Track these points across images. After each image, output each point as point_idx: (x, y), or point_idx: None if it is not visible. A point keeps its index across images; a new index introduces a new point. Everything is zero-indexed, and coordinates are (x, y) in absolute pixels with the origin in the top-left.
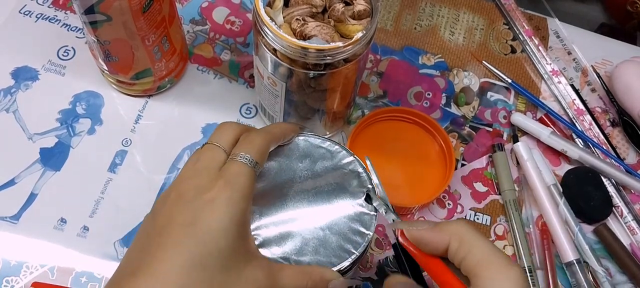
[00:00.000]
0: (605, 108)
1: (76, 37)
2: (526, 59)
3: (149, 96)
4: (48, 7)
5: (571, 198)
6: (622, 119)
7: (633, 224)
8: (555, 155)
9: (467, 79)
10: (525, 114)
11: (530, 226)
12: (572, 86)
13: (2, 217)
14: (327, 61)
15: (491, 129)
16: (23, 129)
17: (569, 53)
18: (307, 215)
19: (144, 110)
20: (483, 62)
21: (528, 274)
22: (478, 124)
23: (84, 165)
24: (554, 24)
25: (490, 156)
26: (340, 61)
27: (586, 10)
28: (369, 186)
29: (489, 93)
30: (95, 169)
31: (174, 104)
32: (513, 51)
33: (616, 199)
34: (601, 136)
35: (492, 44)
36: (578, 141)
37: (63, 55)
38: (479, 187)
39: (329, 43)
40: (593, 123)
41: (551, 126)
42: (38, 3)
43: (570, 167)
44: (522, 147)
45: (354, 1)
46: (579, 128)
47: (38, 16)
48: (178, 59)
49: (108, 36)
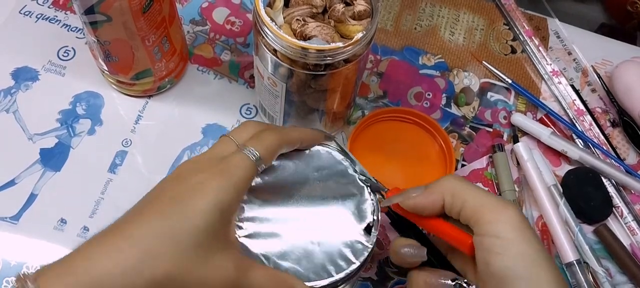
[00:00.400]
0: (605, 108)
1: (76, 38)
2: (526, 59)
3: (149, 96)
4: (48, 8)
5: (571, 198)
6: (623, 120)
7: (633, 224)
8: (555, 155)
9: (467, 79)
10: (525, 115)
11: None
12: (573, 86)
13: (2, 218)
14: (327, 61)
15: (491, 130)
16: (23, 130)
17: (569, 53)
18: (304, 223)
19: (144, 110)
20: (483, 63)
21: None
22: (478, 125)
23: (84, 165)
24: (554, 24)
25: (490, 156)
26: (340, 61)
27: (586, 10)
28: (374, 218)
29: (489, 93)
30: (95, 170)
31: (174, 104)
32: (513, 51)
33: (616, 199)
34: (601, 136)
35: (492, 44)
36: (578, 141)
37: (63, 55)
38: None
39: (329, 43)
40: (593, 123)
41: (551, 126)
42: (38, 3)
43: (570, 168)
44: (523, 148)
45: (354, 1)
46: (579, 128)
47: (38, 16)
48: (178, 59)
49: (108, 36)
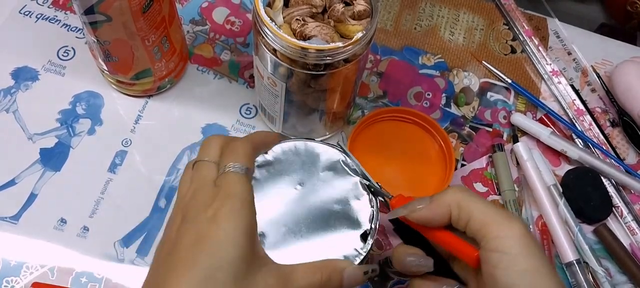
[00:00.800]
0: (605, 108)
1: (76, 37)
2: (526, 59)
3: (149, 96)
4: (48, 7)
5: (571, 198)
6: (622, 119)
7: (633, 224)
8: (555, 155)
9: (467, 79)
10: (525, 114)
11: (530, 226)
12: (572, 86)
13: (2, 217)
14: (327, 61)
15: (491, 129)
16: (23, 129)
17: (569, 53)
18: (300, 228)
19: (144, 110)
20: (483, 62)
21: None
22: (478, 124)
23: (84, 165)
24: (554, 24)
25: (490, 156)
26: (340, 61)
27: (586, 10)
28: (371, 226)
29: (489, 93)
30: (95, 169)
31: (174, 104)
32: (513, 51)
33: (616, 199)
34: (601, 136)
35: (492, 44)
36: (578, 141)
37: (63, 55)
38: (479, 187)
39: (329, 43)
40: (593, 123)
41: (551, 126)
42: (38, 3)
43: (570, 168)
44: (522, 148)
45: (354, 1)
46: (579, 128)
47: (38, 16)
48: (178, 59)
49: (108, 36)
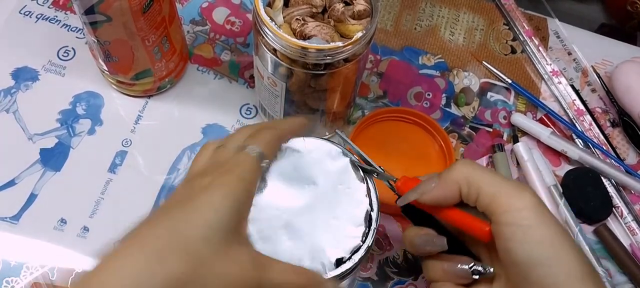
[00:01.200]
0: (605, 108)
1: (76, 37)
2: (526, 60)
3: (149, 96)
4: (48, 8)
5: (571, 198)
6: (623, 120)
7: (633, 225)
8: (555, 155)
9: (467, 80)
10: (525, 115)
11: None
12: (572, 86)
13: (2, 218)
14: (327, 61)
15: (491, 130)
16: (23, 129)
17: (569, 53)
18: (298, 220)
19: (144, 110)
20: (483, 63)
21: None
22: (478, 125)
23: (84, 165)
24: (554, 24)
25: (490, 157)
26: (340, 61)
27: (586, 10)
28: (367, 228)
29: (489, 93)
30: (95, 169)
31: (174, 104)
32: (513, 51)
33: (616, 200)
34: (601, 136)
35: (492, 44)
36: (578, 141)
37: (63, 55)
38: None
39: (329, 43)
40: (593, 123)
41: (551, 126)
42: (38, 3)
43: (570, 168)
44: (522, 148)
45: (354, 1)
46: (579, 128)
47: (38, 16)
48: (178, 59)
49: (108, 36)
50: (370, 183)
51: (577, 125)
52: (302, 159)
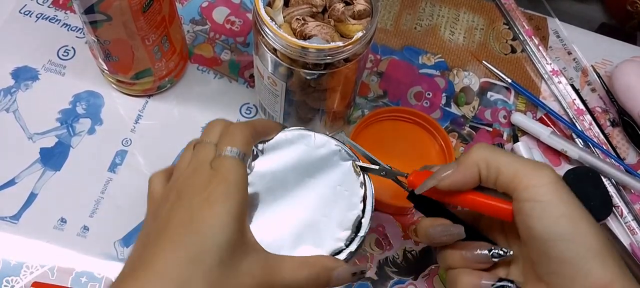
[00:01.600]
0: (605, 108)
1: (76, 37)
2: (526, 59)
3: (149, 96)
4: (48, 7)
5: None
6: (622, 119)
7: (633, 224)
8: (555, 155)
9: (467, 79)
10: (525, 114)
11: None
12: (572, 86)
13: (2, 217)
14: (327, 61)
15: (491, 129)
16: (23, 129)
17: (569, 53)
18: (290, 220)
19: (144, 110)
20: (483, 62)
21: None
22: (478, 124)
23: (84, 165)
24: (554, 24)
25: None
26: (340, 61)
27: (586, 10)
28: (354, 234)
29: (489, 93)
30: (95, 169)
31: (174, 104)
32: (513, 51)
33: (616, 199)
34: (601, 136)
35: (492, 44)
36: (578, 141)
37: (63, 55)
38: None
39: (329, 43)
40: (593, 123)
41: (551, 126)
42: (38, 3)
43: (570, 167)
44: (522, 147)
45: (354, 1)
46: (579, 128)
47: (38, 16)
48: (178, 59)
49: (108, 36)
50: (368, 190)
51: (577, 124)
52: (308, 152)
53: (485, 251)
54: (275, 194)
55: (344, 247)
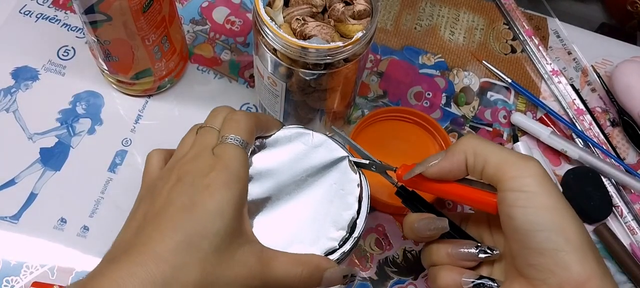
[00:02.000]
0: (605, 108)
1: (76, 37)
2: (526, 59)
3: (149, 96)
4: (48, 7)
5: (571, 198)
6: (622, 119)
7: (633, 224)
8: (555, 155)
9: (467, 79)
10: (525, 114)
11: None
12: (572, 86)
13: (2, 217)
14: (327, 61)
15: (491, 129)
16: (23, 129)
17: (569, 53)
18: (285, 218)
19: (144, 110)
20: (483, 62)
21: None
22: (478, 124)
23: (84, 165)
24: (554, 24)
25: None
26: (340, 61)
27: (586, 10)
28: (346, 234)
29: (489, 93)
30: (95, 169)
31: (174, 104)
32: (513, 51)
33: (616, 199)
34: (601, 136)
35: (492, 44)
36: (578, 141)
37: (63, 55)
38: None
39: (329, 43)
40: (593, 123)
41: (551, 126)
42: (38, 3)
43: (570, 167)
44: (522, 147)
45: (354, 1)
46: (579, 128)
47: (38, 16)
48: (178, 59)
49: (108, 36)
50: (364, 190)
51: (577, 124)
52: (306, 150)
53: (472, 249)
54: (271, 191)
55: (338, 247)
